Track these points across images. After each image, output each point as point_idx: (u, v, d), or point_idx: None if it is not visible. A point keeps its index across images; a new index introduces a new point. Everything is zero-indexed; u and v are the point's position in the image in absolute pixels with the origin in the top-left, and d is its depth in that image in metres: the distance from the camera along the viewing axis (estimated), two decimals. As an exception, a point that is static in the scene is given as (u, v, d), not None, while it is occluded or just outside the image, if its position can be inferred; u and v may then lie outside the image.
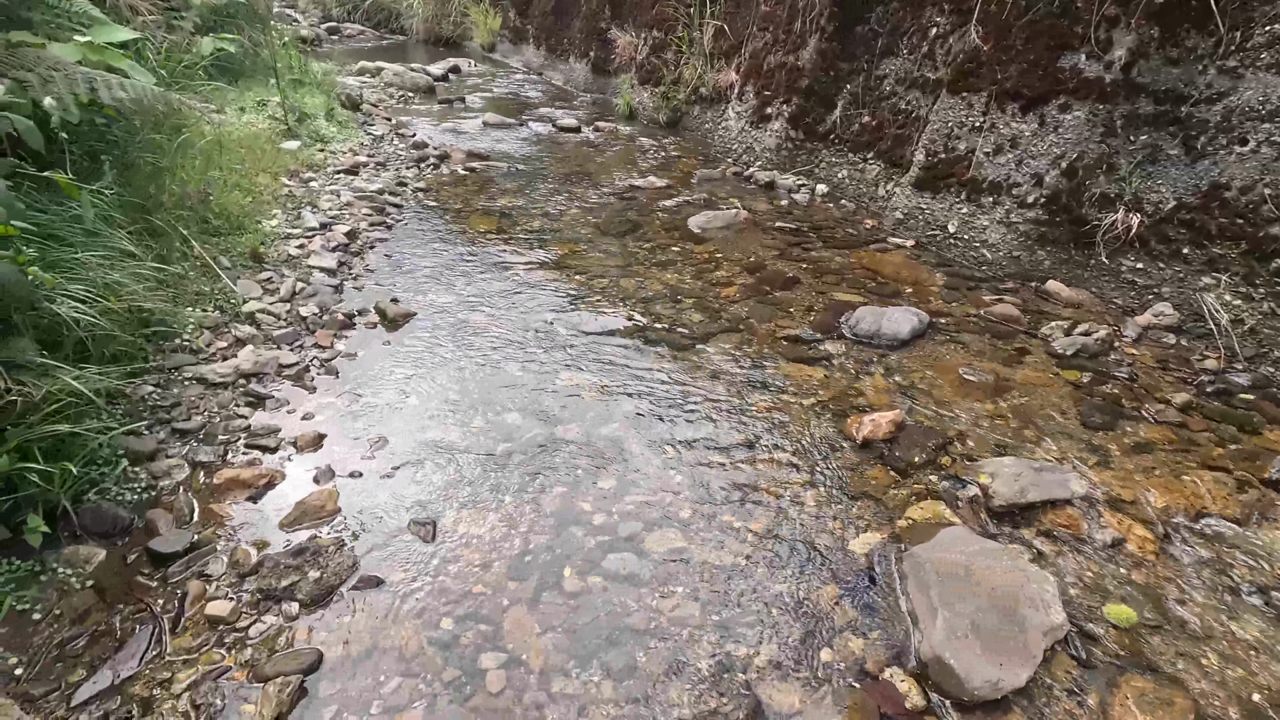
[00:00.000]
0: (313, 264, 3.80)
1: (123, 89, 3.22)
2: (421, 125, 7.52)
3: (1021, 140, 4.17)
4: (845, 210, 5.42)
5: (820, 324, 3.63)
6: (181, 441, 2.45)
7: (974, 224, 4.40)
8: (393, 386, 2.91)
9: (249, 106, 6.36)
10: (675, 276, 4.17)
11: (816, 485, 2.50)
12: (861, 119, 5.49)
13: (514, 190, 5.59)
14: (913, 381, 3.15)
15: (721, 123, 7.01)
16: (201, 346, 2.95)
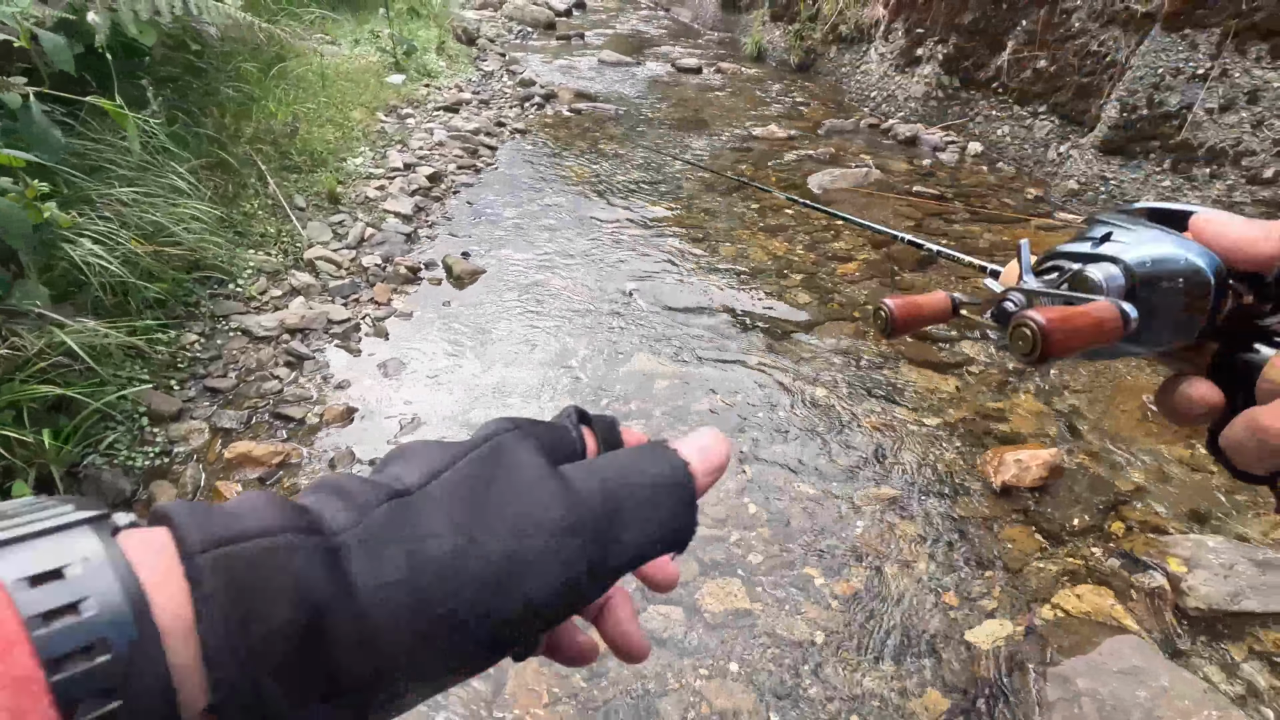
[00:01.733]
0: (388, 208, 3.53)
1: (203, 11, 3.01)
2: (534, 62, 7.13)
3: (1265, 94, 3.16)
4: (1002, 175, 4.51)
5: (959, 319, 2.95)
6: (210, 401, 2.25)
7: (1178, 202, 3.45)
8: (442, 357, 2.59)
9: (362, 39, 6.21)
10: (785, 245, 3.58)
11: (930, 542, 1.93)
12: (1036, 63, 4.51)
13: (618, 136, 5.10)
14: (1076, 406, 2.45)
15: (861, 66, 6.11)
16: (255, 294, 2.75)
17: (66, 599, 0.19)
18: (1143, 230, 0.41)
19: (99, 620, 0.19)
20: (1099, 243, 0.42)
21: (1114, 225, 0.42)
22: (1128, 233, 0.41)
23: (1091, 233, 0.43)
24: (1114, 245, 0.40)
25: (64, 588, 0.19)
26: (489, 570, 0.26)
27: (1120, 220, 0.42)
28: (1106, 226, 0.42)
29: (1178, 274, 0.38)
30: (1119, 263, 0.39)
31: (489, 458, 0.29)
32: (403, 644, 0.24)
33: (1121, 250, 0.40)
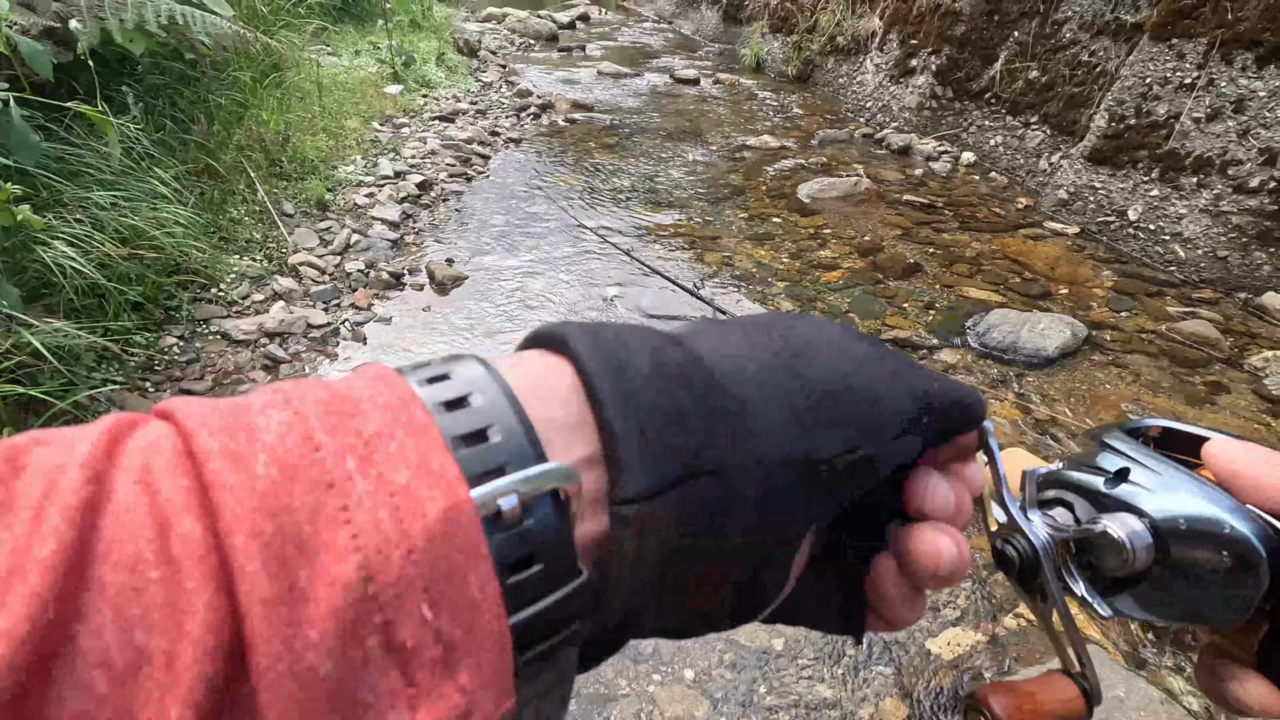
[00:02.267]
0: (375, 215, 3.56)
1: (191, 21, 3.06)
2: (533, 73, 7.20)
3: (1251, 103, 3.15)
4: (994, 185, 4.51)
5: (940, 326, 2.94)
6: (185, 404, 2.26)
7: (1165, 211, 3.44)
8: (418, 361, 2.60)
9: (363, 49, 6.29)
10: (770, 253, 3.58)
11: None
12: (1028, 74, 4.51)
13: (612, 145, 5.13)
14: (1054, 416, 2.43)
15: (857, 76, 6.14)
16: (237, 299, 2.77)
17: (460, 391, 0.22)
18: (1167, 472, 0.35)
19: (488, 407, 0.22)
20: (1114, 480, 0.36)
21: (1131, 459, 0.36)
22: (1148, 473, 0.35)
23: (1103, 462, 0.37)
24: (1133, 489, 0.35)
25: (454, 385, 0.23)
26: (830, 352, 0.28)
27: (1135, 451, 0.36)
28: (1121, 458, 0.37)
29: (1219, 542, 0.32)
30: (1144, 517, 0.34)
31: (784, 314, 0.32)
32: (759, 395, 0.25)
33: (1145, 499, 0.34)
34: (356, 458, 0.19)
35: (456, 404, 0.22)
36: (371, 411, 0.20)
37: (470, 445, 0.21)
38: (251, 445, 0.18)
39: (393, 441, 0.19)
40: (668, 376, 0.24)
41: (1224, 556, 0.32)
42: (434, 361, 0.24)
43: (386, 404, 0.20)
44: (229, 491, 0.17)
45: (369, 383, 0.21)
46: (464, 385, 0.22)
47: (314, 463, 0.18)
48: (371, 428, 0.20)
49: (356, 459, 0.19)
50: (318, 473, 0.18)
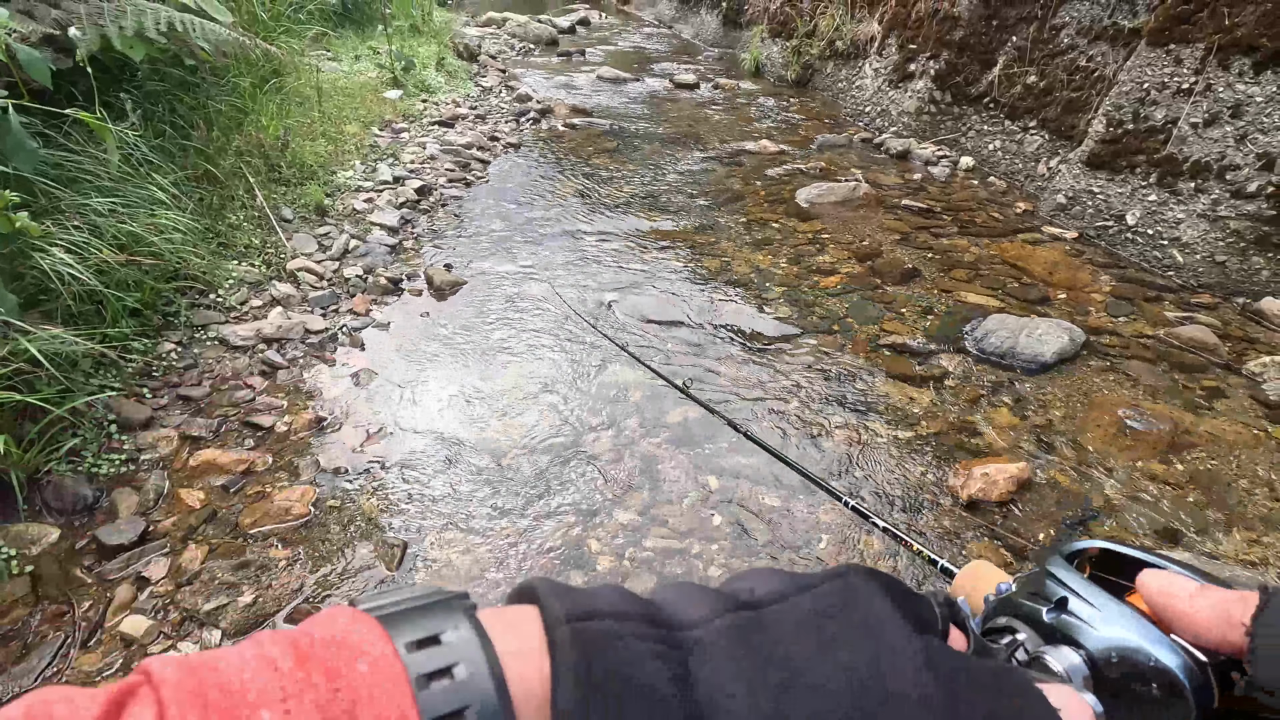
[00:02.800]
0: (374, 221, 3.57)
1: (190, 28, 3.07)
2: (533, 78, 7.21)
3: (1248, 108, 3.15)
4: (993, 190, 4.51)
5: (938, 332, 2.94)
6: (182, 409, 2.27)
7: (1163, 216, 3.43)
8: (416, 367, 2.60)
9: (363, 55, 6.31)
10: (769, 259, 3.58)
11: (895, 557, 1.91)
12: (1026, 79, 4.51)
13: (611, 150, 5.14)
14: (1051, 422, 2.42)
15: (856, 81, 6.15)
16: (235, 305, 2.78)
17: (444, 662, 0.22)
18: (1102, 602, 0.37)
19: (470, 684, 0.22)
20: (1054, 610, 0.39)
21: (1069, 588, 0.39)
22: (1085, 604, 0.38)
23: (1046, 590, 0.40)
24: (1073, 622, 0.38)
25: (441, 653, 0.23)
26: (851, 705, 0.24)
27: (1073, 580, 0.39)
28: (1061, 587, 0.39)
29: (1147, 673, 0.35)
30: (1080, 649, 0.37)
31: (841, 593, 0.28)
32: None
33: (1082, 631, 0.37)
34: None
35: (456, 715, 0.22)
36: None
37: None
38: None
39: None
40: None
41: (1153, 687, 0.35)
42: (428, 612, 0.24)
43: (383, 716, 0.20)
44: None
45: (369, 668, 0.21)
46: (464, 692, 0.22)
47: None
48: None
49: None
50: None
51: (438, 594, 0.25)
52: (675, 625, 0.25)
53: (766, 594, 0.27)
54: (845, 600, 0.27)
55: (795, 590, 0.28)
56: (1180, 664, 0.34)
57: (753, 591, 0.28)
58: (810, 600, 0.27)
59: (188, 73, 3.39)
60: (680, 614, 0.26)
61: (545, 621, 0.24)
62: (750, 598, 0.27)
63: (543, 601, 0.25)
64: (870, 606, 0.27)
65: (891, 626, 0.26)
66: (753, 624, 0.26)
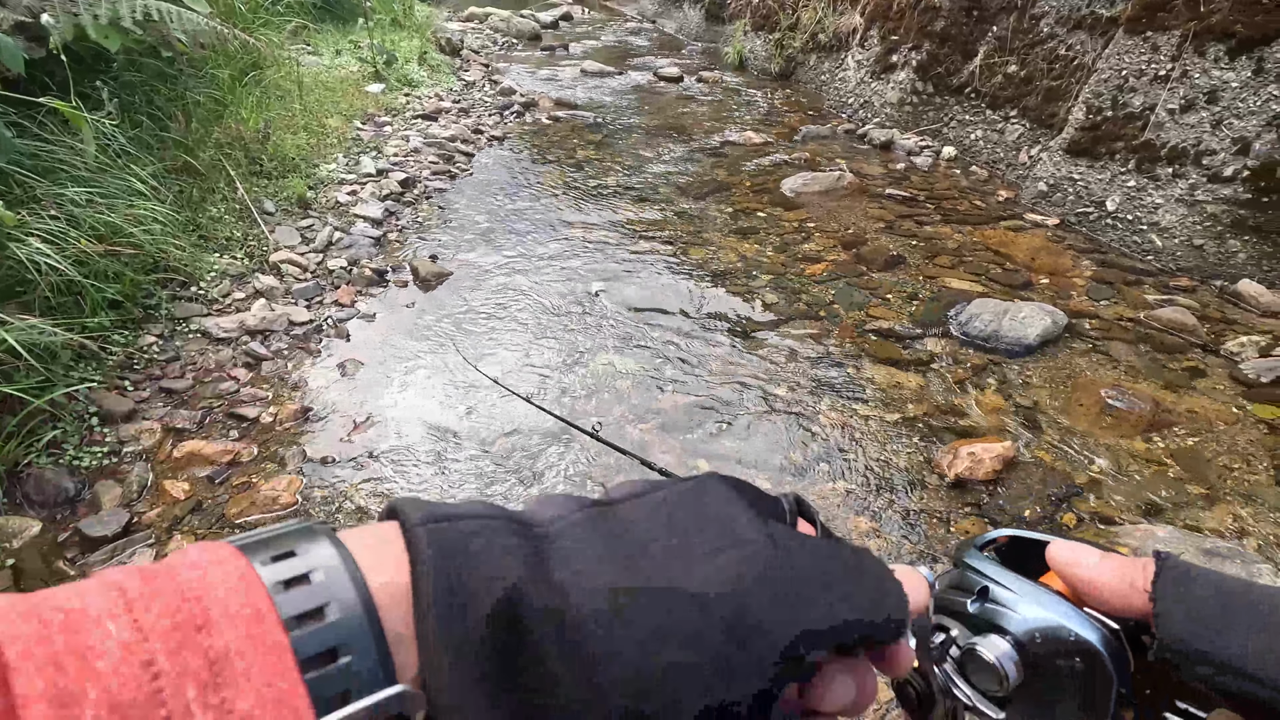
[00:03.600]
0: (358, 213, 3.54)
1: (167, 18, 3.03)
2: (517, 72, 7.18)
3: (1224, 94, 3.20)
4: (975, 178, 4.55)
5: (923, 317, 2.96)
6: (165, 402, 2.24)
7: (1142, 201, 3.48)
8: (402, 358, 2.59)
9: (344, 48, 6.25)
10: (755, 247, 3.59)
11: (884, 535, 1.93)
12: (1007, 68, 4.56)
13: (596, 143, 5.13)
14: (1036, 403, 2.45)
15: (839, 73, 6.17)
16: (217, 297, 2.74)
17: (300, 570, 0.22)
18: (1018, 586, 0.39)
19: (328, 586, 0.22)
20: (978, 599, 0.40)
21: (987, 577, 0.40)
22: (1003, 590, 0.39)
23: (966, 582, 0.41)
24: (996, 609, 0.39)
25: (298, 563, 0.22)
26: (702, 573, 0.25)
27: (990, 569, 0.40)
28: (980, 577, 0.40)
29: (1067, 648, 0.37)
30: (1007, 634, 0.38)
31: (692, 489, 0.29)
32: (598, 646, 0.23)
33: (1005, 617, 0.38)
34: (198, 685, 0.18)
35: (312, 615, 0.21)
36: (221, 622, 0.19)
37: (321, 666, 0.20)
38: (82, 679, 0.17)
39: (241, 660, 0.19)
40: (504, 609, 0.23)
41: (1075, 660, 0.36)
42: (284, 537, 0.23)
43: (238, 613, 0.20)
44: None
45: (225, 578, 0.20)
46: (321, 593, 0.21)
47: (150, 696, 0.18)
48: (220, 643, 0.19)
49: (198, 686, 0.18)
50: (152, 709, 0.17)
51: (296, 524, 0.25)
52: (532, 524, 0.26)
53: (621, 495, 0.29)
54: (695, 493, 0.29)
55: (649, 489, 0.29)
56: (1097, 635, 0.36)
57: (608, 494, 0.29)
58: (661, 494, 0.29)
59: (165, 64, 3.34)
60: (537, 515, 0.27)
61: (403, 527, 0.24)
62: (605, 498, 0.29)
63: (401, 512, 0.25)
64: (718, 497, 0.29)
65: (737, 511, 0.28)
66: (605, 515, 0.27)
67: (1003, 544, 0.44)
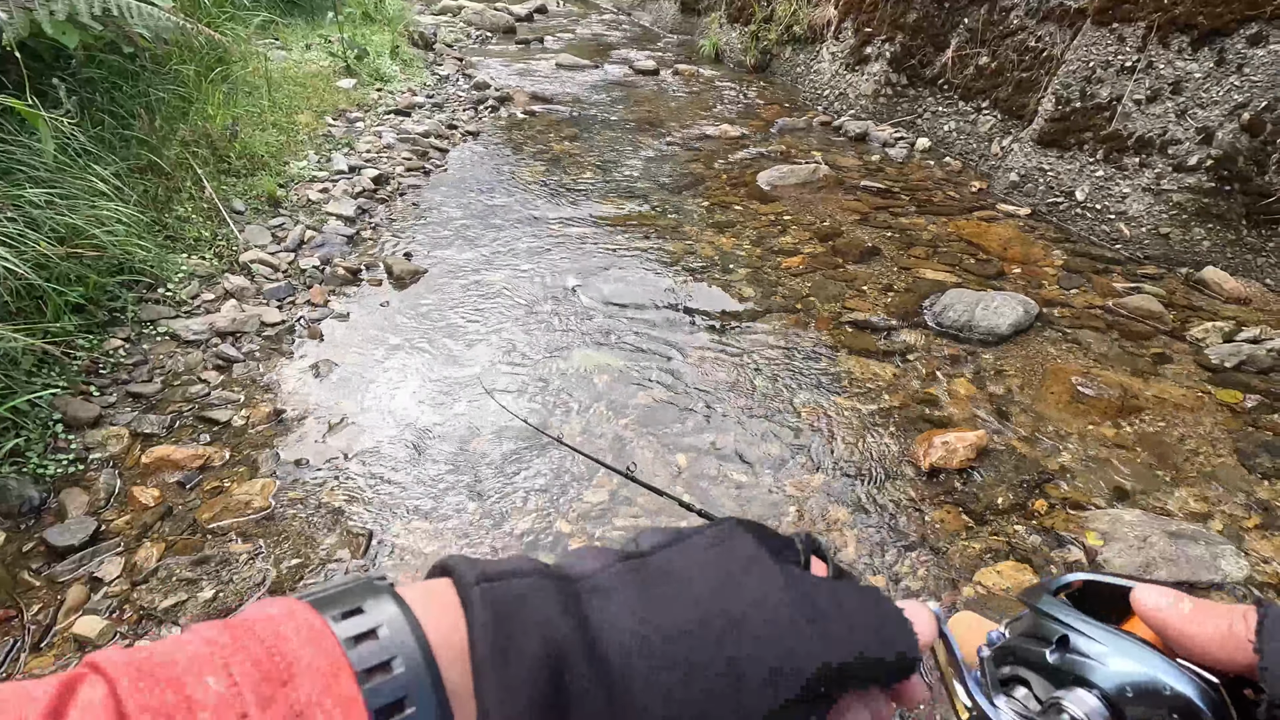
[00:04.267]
0: (330, 211, 3.49)
1: (128, 13, 2.96)
2: (491, 66, 7.11)
3: (1188, 84, 3.26)
4: (949, 170, 4.59)
5: (898, 308, 2.99)
6: (132, 407, 2.19)
7: (1110, 191, 3.54)
8: (377, 358, 2.56)
9: (314, 43, 6.14)
10: (732, 241, 3.59)
11: (859, 525, 1.95)
12: (978, 60, 4.60)
13: (571, 137, 5.10)
14: (1008, 391, 2.49)
15: (814, 65, 6.19)
16: (186, 299, 2.69)
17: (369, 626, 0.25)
18: (1103, 636, 0.37)
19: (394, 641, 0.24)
20: (1059, 649, 0.38)
21: (1067, 625, 0.38)
22: (1087, 640, 0.37)
23: (1042, 630, 0.39)
24: (1079, 660, 0.37)
25: (366, 619, 0.25)
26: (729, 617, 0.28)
27: (1068, 616, 0.38)
28: (1059, 625, 0.38)
29: (1163, 703, 0.34)
30: (1094, 688, 0.36)
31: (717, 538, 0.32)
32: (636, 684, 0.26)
33: (1092, 670, 0.36)
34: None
35: (380, 668, 0.24)
36: (303, 677, 0.22)
37: (389, 717, 0.23)
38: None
39: (320, 713, 0.22)
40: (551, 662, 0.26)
41: (1173, 718, 0.34)
42: (350, 593, 0.26)
43: (317, 668, 0.22)
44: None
45: (299, 633, 0.23)
46: (388, 648, 0.24)
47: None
48: (303, 697, 0.22)
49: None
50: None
51: (356, 579, 0.27)
52: (573, 578, 0.29)
53: (651, 545, 0.31)
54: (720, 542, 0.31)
55: (677, 539, 0.32)
56: (1196, 690, 0.34)
57: (638, 544, 0.32)
58: (689, 545, 0.31)
59: (127, 60, 3.26)
60: (575, 568, 0.30)
61: (458, 585, 0.27)
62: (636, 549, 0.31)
63: (455, 570, 0.28)
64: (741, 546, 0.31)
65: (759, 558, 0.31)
66: (639, 567, 0.30)
67: (1077, 589, 0.42)
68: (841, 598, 0.31)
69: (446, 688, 0.24)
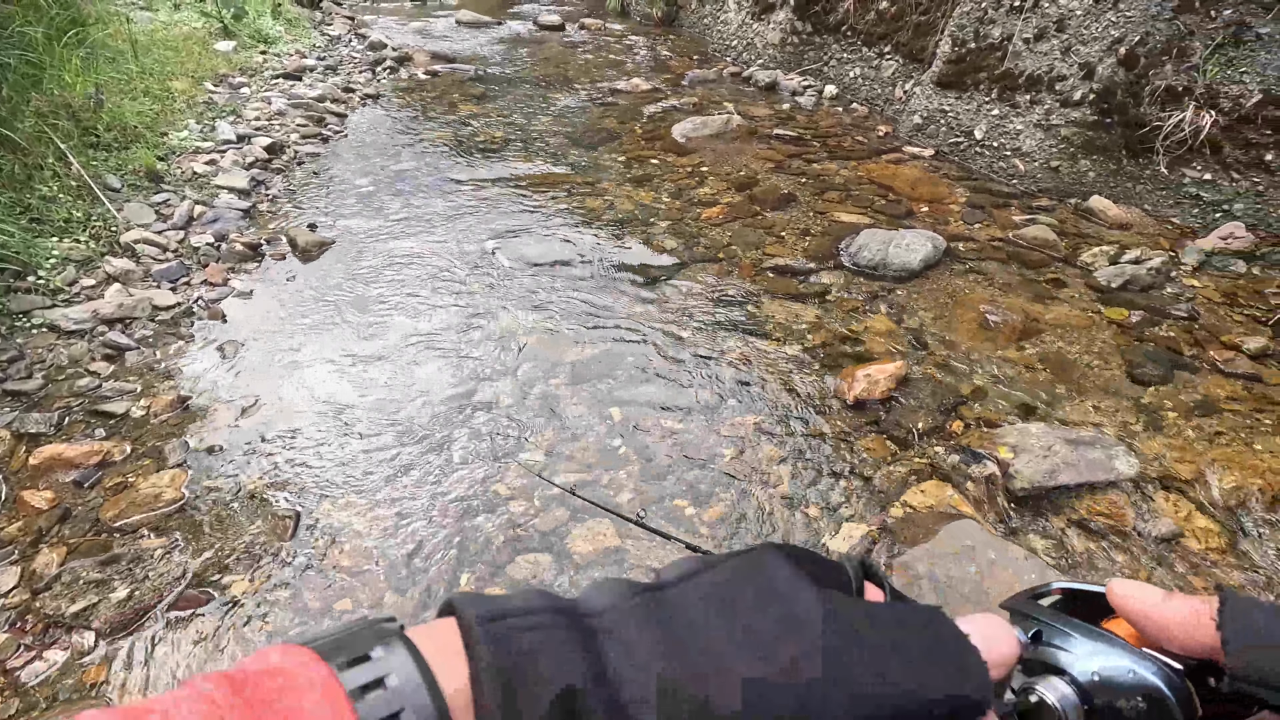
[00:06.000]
0: (220, 184, 3.24)
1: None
2: (385, 25, 6.72)
3: (1071, 21, 3.42)
4: (856, 115, 4.69)
5: (816, 251, 3.05)
6: (12, 406, 2.00)
7: (1005, 128, 3.71)
8: (287, 335, 2.42)
9: (184, 3, 5.61)
10: (651, 195, 3.57)
11: (792, 460, 2.01)
12: (879, 4, 4.68)
13: (478, 96, 4.91)
14: (923, 323, 2.60)
15: (721, 16, 6.15)
16: (61, 286, 2.45)
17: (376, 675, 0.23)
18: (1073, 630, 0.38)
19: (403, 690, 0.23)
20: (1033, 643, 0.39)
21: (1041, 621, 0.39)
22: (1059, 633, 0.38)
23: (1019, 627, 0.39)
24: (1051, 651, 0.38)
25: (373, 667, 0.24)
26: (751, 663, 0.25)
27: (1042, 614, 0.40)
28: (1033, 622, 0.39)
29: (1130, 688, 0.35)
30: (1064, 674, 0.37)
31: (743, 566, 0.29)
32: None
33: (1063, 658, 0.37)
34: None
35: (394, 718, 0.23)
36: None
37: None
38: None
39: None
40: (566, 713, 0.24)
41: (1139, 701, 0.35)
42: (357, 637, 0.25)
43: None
44: None
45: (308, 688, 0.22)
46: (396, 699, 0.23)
47: None
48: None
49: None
50: None
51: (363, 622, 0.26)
52: (584, 614, 0.27)
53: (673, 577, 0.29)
54: (747, 571, 0.29)
55: (701, 569, 0.29)
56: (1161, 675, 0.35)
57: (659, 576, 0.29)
58: (712, 575, 0.28)
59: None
60: (590, 603, 0.28)
61: (461, 626, 0.25)
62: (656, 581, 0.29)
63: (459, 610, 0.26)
64: (773, 573, 0.28)
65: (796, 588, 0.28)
66: (657, 602, 0.27)
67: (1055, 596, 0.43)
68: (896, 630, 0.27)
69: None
